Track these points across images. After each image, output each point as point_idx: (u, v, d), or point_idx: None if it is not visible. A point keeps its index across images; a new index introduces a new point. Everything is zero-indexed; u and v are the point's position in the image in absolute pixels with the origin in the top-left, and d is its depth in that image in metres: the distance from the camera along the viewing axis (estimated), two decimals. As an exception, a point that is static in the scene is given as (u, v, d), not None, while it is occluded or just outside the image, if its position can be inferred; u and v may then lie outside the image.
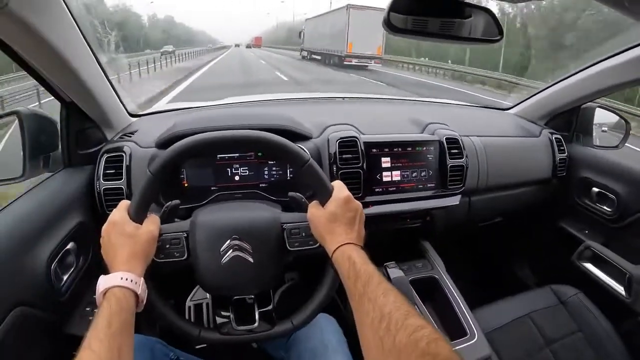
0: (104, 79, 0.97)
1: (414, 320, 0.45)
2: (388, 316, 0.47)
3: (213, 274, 0.69)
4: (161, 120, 1.16)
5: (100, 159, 0.94)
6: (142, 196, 0.65)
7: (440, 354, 0.41)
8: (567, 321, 1.14)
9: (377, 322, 0.47)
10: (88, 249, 0.90)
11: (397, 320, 0.45)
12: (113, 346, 0.48)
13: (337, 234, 0.63)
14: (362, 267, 0.56)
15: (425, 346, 0.41)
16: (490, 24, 0.81)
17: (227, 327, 0.72)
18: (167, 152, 0.67)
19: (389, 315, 0.47)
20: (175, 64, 20.64)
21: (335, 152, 0.97)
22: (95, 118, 0.99)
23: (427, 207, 1.06)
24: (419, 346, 0.42)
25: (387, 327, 0.45)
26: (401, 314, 0.46)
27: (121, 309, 0.53)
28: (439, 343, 0.42)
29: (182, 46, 65.05)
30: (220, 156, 0.94)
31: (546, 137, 1.29)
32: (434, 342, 0.42)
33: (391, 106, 1.52)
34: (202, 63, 21.50)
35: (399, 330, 0.44)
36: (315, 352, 0.81)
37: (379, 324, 0.47)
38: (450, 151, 1.04)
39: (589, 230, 1.30)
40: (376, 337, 0.46)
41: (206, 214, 0.74)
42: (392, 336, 0.44)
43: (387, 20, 0.74)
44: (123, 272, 0.58)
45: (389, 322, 0.46)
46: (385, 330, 0.45)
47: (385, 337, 0.45)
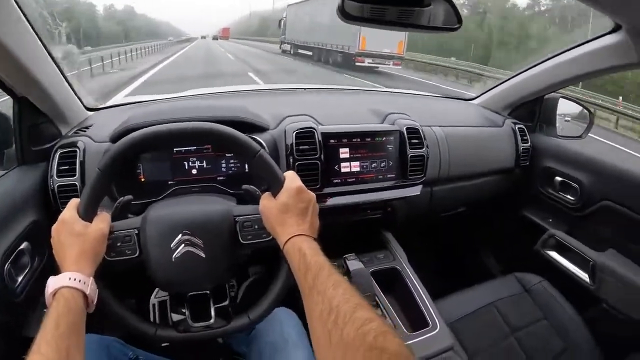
0: (57, 71, 0.94)
1: (362, 313, 0.45)
2: (336, 309, 0.46)
3: (165, 271, 0.67)
4: (118, 113, 1.13)
5: (54, 155, 0.91)
6: (90, 193, 0.64)
7: (387, 348, 0.41)
8: (532, 309, 1.15)
9: (325, 315, 0.47)
10: (43, 248, 0.87)
11: (346, 313, 0.45)
12: (61, 348, 0.47)
13: (289, 225, 0.63)
14: (313, 258, 0.56)
15: (372, 340, 0.41)
16: (449, 13, 0.81)
17: (184, 325, 0.71)
18: (115, 147, 0.65)
19: (337, 308, 0.46)
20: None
21: (292, 144, 0.96)
22: (48, 113, 0.96)
23: (387, 197, 1.05)
24: (367, 340, 0.41)
25: (335, 320, 0.45)
26: (350, 307, 0.46)
27: (69, 310, 0.53)
28: (387, 337, 0.42)
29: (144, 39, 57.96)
30: (177, 150, 0.92)
31: (509, 127, 1.30)
32: (381, 336, 0.41)
33: (353, 96, 1.52)
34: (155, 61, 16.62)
35: (346, 324, 0.44)
36: (275, 346, 0.81)
37: (327, 317, 0.46)
38: (411, 141, 1.04)
39: (552, 219, 1.32)
40: (324, 331, 0.46)
41: (158, 209, 0.72)
42: (340, 330, 0.44)
43: (341, 7, 0.74)
44: (71, 273, 0.57)
45: (337, 315, 0.45)
46: (333, 324, 0.45)
47: (333, 331, 0.44)
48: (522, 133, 1.31)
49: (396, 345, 0.41)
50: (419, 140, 1.05)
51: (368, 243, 1.13)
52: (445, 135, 1.16)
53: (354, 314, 0.44)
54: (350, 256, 0.99)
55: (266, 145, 0.91)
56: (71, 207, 0.64)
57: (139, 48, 19.52)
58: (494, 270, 1.50)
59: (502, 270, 1.46)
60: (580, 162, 1.25)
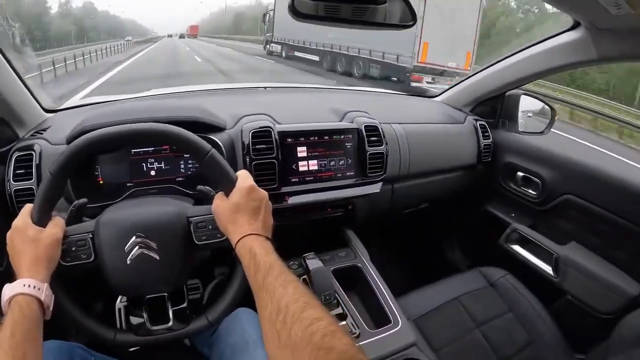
0: (11, 72, 0.92)
1: (311, 312, 0.45)
2: (285, 309, 0.46)
3: (120, 274, 0.67)
4: (77, 115, 1.10)
5: (10, 158, 0.88)
6: (42, 198, 0.63)
7: (335, 347, 0.41)
8: (497, 302, 1.17)
9: (274, 315, 0.47)
10: (2, 254, 0.85)
11: (294, 313, 0.45)
12: (17, 356, 0.48)
13: (240, 224, 0.63)
14: (263, 258, 0.56)
15: (319, 339, 0.41)
16: (404, 10, 0.82)
17: (143, 328, 0.71)
18: (65, 150, 0.65)
19: (286, 307, 0.46)
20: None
21: (249, 143, 0.95)
22: (3, 115, 0.94)
23: (347, 195, 1.05)
24: (313, 340, 0.41)
25: (284, 320, 0.45)
26: (298, 307, 0.46)
27: (24, 317, 0.53)
28: (335, 335, 0.42)
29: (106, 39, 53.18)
30: (135, 151, 0.91)
31: (471, 124, 1.33)
32: (329, 335, 0.42)
33: (314, 95, 1.52)
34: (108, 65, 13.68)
35: (294, 324, 0.44)
36: (235, 347, 0.80)
37: (276, 317, 0.46)
38: (369, 139, 1.05)
39: (515, 214, 1.35)
40: (273, 331, 0.46)
41: (112, 212, 0.72)
42: (288, 330, 0.44)
43: (291, 6, 0.74)
44: (26, 279, 0.57)
45: (286, 315, 0.45)
46: (281, 324, 0.45)
47: (282, 331, 0.44)
48: (483, 129, 1.33)
49: (344, 344, 0.41)
50: (378, 138, 1.06)
51: (330, 241, 1.13)
52: (405, 132, 1.17)
53: (302, 314, 0.45)
54: (310, 255, 0.98)
55: (223, 145, 0.91)
56: (24, 213, 0.63)
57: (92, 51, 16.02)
58: (460, 265, 1.51)
59: (468, 265, 1.48)
60: (541, 158, 1.28)
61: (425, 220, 1.55)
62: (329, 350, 0.40)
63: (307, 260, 0.97)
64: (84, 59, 14.25)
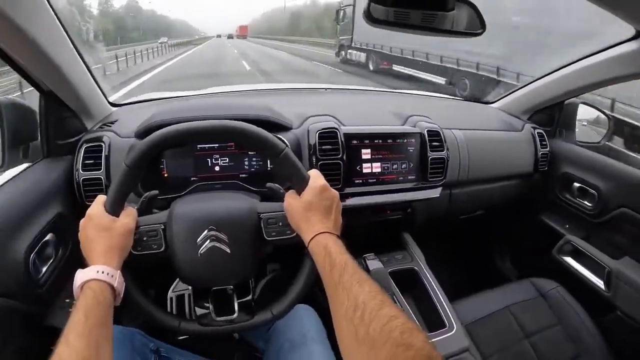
0: (83, 67, 0.96)
1: (388, 310, 0.45)
2: (362, 305, 0.47)
3: (191, 266, 0.69)
4: (142, 109, 1.15)
5: (79, 149, 0.93)
6: (117, 189, 0.65)
7: (413, 344, 0.41)
8: (547, 314, 1.16)
9: (351, 311, 0.47)
10: (67, 240, 0.89)
11: (372, 309, 0.46)
12: (90, 340, 0.48)
13: (313, 222, 0.64)
14: (338, 256, 0.57)
15: (398, 336, 0.42)
16: (472, 18, 0.82)
17: (207, 318, 0.73)
18: (142, 143, 0.66)
19: (363, 304, 0.47)
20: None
21: (315, 143, 0.97)
22: (74, 107, 0.98)
23: (407, 199, 1.06)
24: (392, 336, 0.42)
25: (361, 316, 0.46)
26: (375, 304, 0.47)
27: (98, 303, 0.54)
28: (413, 333, 0.42)
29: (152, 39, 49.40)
30: (200, 146, 0.94)
31: (529, 132, 1.30)
32: (407, 332, 0.42)
33: (373, 97, 1.53)
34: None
35: (372, 320, 0.44)
36: (294, 342, 0.82)
37: (353, 313, 0.47)
38: (432, 144, 1.05)
39: (569, 225, 1.32)
40: (350, 327, 0.46)
41: (183, 205, 0.74)
42: (366, 326, 0.44)
43: (367, 11, 0.75)
44: (99, 266, 0.58)
45: (363, 312, 0.46)
46: (359, 320, 0.46)
47: (359, 327, 0.45)
48: (541, 138, 1.31)
49: (421, 341, 0.42)
50: (440, 143, 1.06)
51: (386, 243, 1.15)
52: (465, 138, 1.16)
53: (379, 311, 0.45)
54: (370, 256, 1.00)
55: (290, 144, 0.92)
56: (98, 202, 0.66)
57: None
58: (510, 274, 1.50)
59: (517, 275, 1.47)
60: (598, 169, 1.25)
61: (479, 227, 1.54)
62: (408, 347, 0.41)
63: (367, 260, 0.98)
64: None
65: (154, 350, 0.81)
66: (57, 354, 0.45)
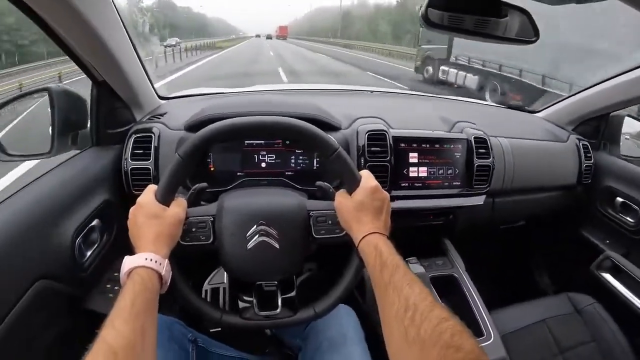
0: (137, 60, 0.98)
1: (438, 312, 0.46)
2: (413, 307, 0.47)
3: (238, 259, 0.69)
4: (190, 103, 1.17)
5: (128, 138, 0.95)
6: (169, 179, 0.66)
7: (463, 346, 0.41)
8: (582, 330, 1.14)
9: (402, 312, 0.47)
10: (112, 227, 0.91)
11: (423, 311, 0.46)
12: (136, 325, 0.48)
13: (364, 222, 0.64)
14: (389, 256, 0.57)
15: (449, 338, 0.42)
16: (526, 25, 0.81)
17: (249, 312, 0.73)
18: (197, 135, 0.67)
19: (414, 305, 0.47)
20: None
21: (364, 145, 0.97)
22: (125, 98, 1.00)
23: (451, 205, 1.06)
24: (443, 338, 0.42)
25: (412, 317, 0.46)
26: (426, 305, 0.47)
27: (145, 289, 0.54)
28: (463, 335, 0.42)
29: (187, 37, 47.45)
30: (248, 142, 0.95)
31: (573, 143, 1.28)
32: (458, 335, 0.42)
33: (418, 102, 1.52)
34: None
35: (423, 321, 0.45)
36: (333, 342, 0.82)
37: (404, 314, 0.47)
38: (478, 150, 1.04)
39: (610, 240, 1.30)
40: (401, 327, 0.46)
41: (233, 198, 0.74)
42: (417, 327, 0.44)
43: (424, 14, 0.75)
44: (148, 253, 0.58)
45: (414, 313, 0.46)
46: (410, 321, 0.46)
47: (410, 328, 0.45)
48: (586, 150, 1.28)
49: (471, 344, 0.42)
50: (486, 150, 1.05)
51: (428, 248, 1.14)
52: (510, 146, 1.15)
53: (430, 313, 0.45)
54: (412, 259, 1.00)
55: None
56: (149, 191, 0.66)
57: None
58: (547, 287, 1.48)
59: (554, 288, 1.45)
60: None
61: (519, 238, 1.53)
62: (458, 349, 0.41)
63: (410, 264, 0.98)
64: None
65: (191, 340, 0.82)
66: (103, 338, 0.46)
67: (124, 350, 0.45)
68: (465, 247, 1.20)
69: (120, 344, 0.45)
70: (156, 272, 0.58)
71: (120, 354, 0.44)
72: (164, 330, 0.77)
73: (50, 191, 0.78)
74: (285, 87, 1.43)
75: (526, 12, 0.80)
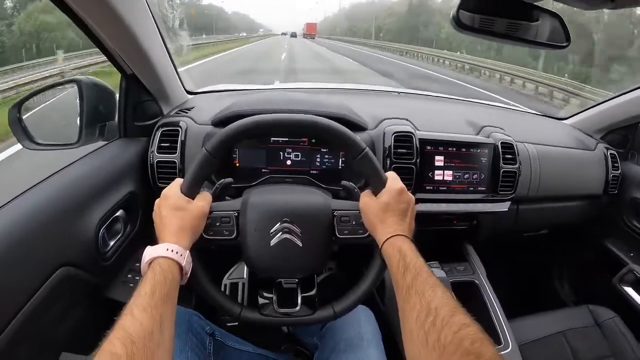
0: (166, 54, 0.99)
1: (460, 317, 0.45)
2: (435, 311, 0.47)
3: (261, 255, 0.69)
4: (217, 99, 1.18)
5: (156, 131, 0.96)
6: (195, 172, 0.66)
7: (483, 354, 0.41)
8: (601, 344, 1.13)
9: (423, 316, 0.47)
10: (136, 218, 0.93)
11: (444, 316, 0.46)
12: (155, 315, 0.49)
13: (389, 224, 0.64)
14: (412, 259, 0.57)
15: (469, 345, 0.41)
16: (557, 30, 0.80)
17: (268, 309, 0.73)
18: (225, 130, 0.67)
19: (436, 310, 0.47)
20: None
21: (390, 146, 0.97)
22: (153, 92, 1.02)
23: (475, 210, 1.05)
24: (463, 345, 0.42)
25: (433, 322, 0.45)
26: (448, 310, 0.46)
27: (165, 279, 0.54)
28: (484, 343, 0.42)
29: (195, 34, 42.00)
30: (274, 139, 0.95)
31: (601, 152, 1.26)
32: (478, 342, 0.42)
33: (446, 105, 1.50)
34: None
35: (444, 327, 0.44)
36: (350, 342, 0.82)
37: (425, 318, 0.47)
38: (505, 156, 1.03)
39: (634, 254, 1.27)
40: (421, 332, 0.46)
41: (258, 194, 0.74)
42: (438, 332, 0.44)
43: (455, 17, 0.75)
44: (170, 244, 0.59)
45: (436, 318, 0.46)
46: (430, 325, 0.45)
47: (431, 332, 0.45)
48: (613, 159, 1.26)
49: (492, 353, 0.41)
50: (513, 156, 1.04)
51: (449, 253, 1.14)
52: (537, 153, 1.13)
53: (452, 318, 0.45)
54: (434, 264, 1.00)
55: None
56: (175, 184, 0.67)
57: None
58: (567, 298, 1.47)
59: (575, 300, 1.43)
60: None
61: (541, 246, 1.51)
62: (478, 356, 0.40)
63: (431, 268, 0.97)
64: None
65: (209, 334, 0.83)
66: (121, 325, 0.46)
67: (142, 338, 0.45)
68: (487, 253, 1.19)
69: (138, 332, 0.45)
70: (177, 263, 0.58)
71: (137, 342, 0.44)
72: (182, 321, 0.78)
73: (76, 180, 0.79)
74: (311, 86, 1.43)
75: (558, 17, 0.79)
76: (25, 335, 0.61)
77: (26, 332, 0.61)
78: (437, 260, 1.03)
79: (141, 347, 0.44)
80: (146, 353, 0.44)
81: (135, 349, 0.43)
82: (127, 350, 0.43)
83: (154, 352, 0.46)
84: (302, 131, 0.83)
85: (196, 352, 0.75)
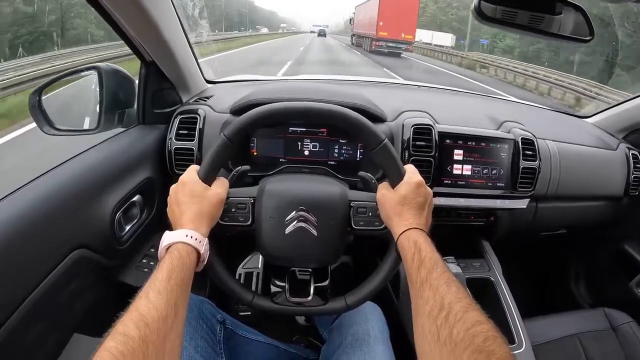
0: (186, 43, 1.02)
1: (473, 314, 0.46)
2: (448, 307, 0.48)
3: (275, 243, 0.71)
4: (236, 88, 1.22)
5: (174, 119, 0.99)
6: (213, 159, 0.68)
7: (495, 352, 0.41)
8: (615, 348, 1.14)
9: (436, 311, 0.48)
10: (152, 204, 0.96)
11: (457, 312, 0.46)
12: (170, 299, 0.50)
13: (405, 217, 0.65)
14: (428, 253, 0.58)
15: (481, 343, 0.42)
16: (581, 23, 0.81)
17: (281, 297, 0.75)
18: (243, 117, 0.70)
19: (450, 305, 0.48)
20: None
21: (409, 138, 0.99)
22: (173, 80, 1.04)
23: (493, 206, 1.07)
24: (475, 342, 0.42)
25: (446, 317, 0.46)
26: (462, 306, 0.47)
27: (182, 265, 0.56)
28: (497, 341, 0.43)
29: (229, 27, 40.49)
30: (292, 129, 0.97)
31: (623, 152, 1.27)
32: (491, 339, 0.43)
33: (466, 99, 1.52)
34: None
35: (457, 323, 0.45)
36: (357, 338, 0.84)
37: (438, 314, 0.48)
38: (525, 152, 1.05)
39: None
40: (433, 327, 0.47)
41: (275, 182, 0.76)
42: (450, 328, 0.45)
43: (477, 7, 0.76)
44: (188, 230, 0.61)
45: (449, 313, 0.47)
46: (443, 321, 0.46)
47: (443, 328, 0.46)
48: (635, 160, 1.27)
49: (504, 351, 0.42)
50: (533, 152, 1.06)
51: (465, 249, 1.15)
52: (558, 150, 1.15)
53: (465, 314, 0.46)
54: (450, 259, 1.01)
55: None
56: (192, 170, 0.69)
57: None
58: (583, 300, 1.48)
59: (591, 302, 1.44)
60: None
61: (558, 246, 1.52)
62: (490, 354, 0.41)
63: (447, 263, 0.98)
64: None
65: (220, 322, 0.85)
66: (136, 307, 0.47)
67: (156, 322, 0.46)
68: (503, 250, 1.21)
69: (152, 315, 0.47)
70: (195, 249, 0.60)
71: (151, 325, 0.46)
72: (194, 308, 0.80)
73: (94, 165, 0.82)
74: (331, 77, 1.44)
75: (582, 10, 0.80)
76: (39, 313, 0.64)
77: (40, 310, 0.64)
78: (452, 255, 1.04)
79: (154, 330, 0.46)
80: (159, 336, 0.46)
81: (148, 332, 0.45)
82: (140, 333, 0.44)
83: (166, 336, 0.47)
84: (320, 120, 0.85)
85: (206, 339, 0.77)
